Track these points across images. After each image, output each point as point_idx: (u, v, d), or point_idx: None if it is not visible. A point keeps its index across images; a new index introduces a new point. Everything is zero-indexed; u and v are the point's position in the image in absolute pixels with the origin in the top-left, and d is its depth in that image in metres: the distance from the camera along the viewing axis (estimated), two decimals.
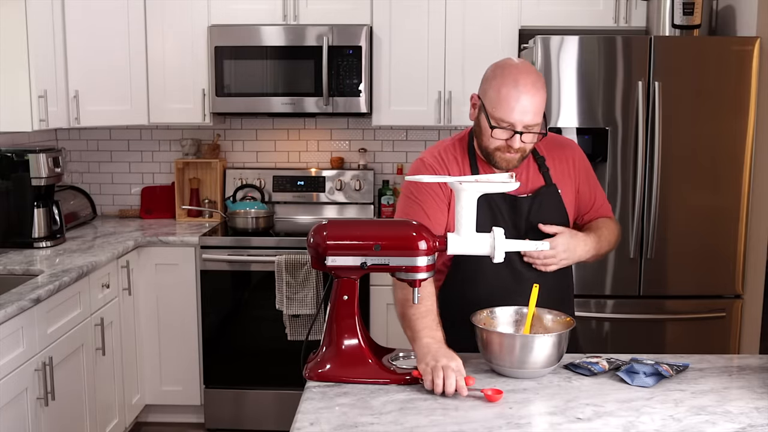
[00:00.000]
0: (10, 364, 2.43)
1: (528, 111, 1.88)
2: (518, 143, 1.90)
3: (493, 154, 1.95)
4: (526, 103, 1.87)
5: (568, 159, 2.10)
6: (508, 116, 1.88)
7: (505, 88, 1.88)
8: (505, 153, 1.93)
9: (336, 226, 1.78)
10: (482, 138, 1.96)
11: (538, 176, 2.05)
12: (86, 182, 4.33)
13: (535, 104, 1.88)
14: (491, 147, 1.94)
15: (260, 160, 4.31)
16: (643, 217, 3.34)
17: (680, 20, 3.51)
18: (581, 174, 2.12)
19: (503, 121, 1.89)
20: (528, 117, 1.88)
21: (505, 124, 1.89)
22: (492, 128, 1.90)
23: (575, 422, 1.55)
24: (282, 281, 3.52)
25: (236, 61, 3.81)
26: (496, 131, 1.90)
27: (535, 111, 1.89)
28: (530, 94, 1.88)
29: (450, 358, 1.70)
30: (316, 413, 1.59)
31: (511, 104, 1.87)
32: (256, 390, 3.72)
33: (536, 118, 1.90)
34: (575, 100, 3.32)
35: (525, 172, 2.04)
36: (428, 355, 1.73)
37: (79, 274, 2.91)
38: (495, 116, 1.90)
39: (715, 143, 3.33)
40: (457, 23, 3.80)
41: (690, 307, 3.39)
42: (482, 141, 1.96)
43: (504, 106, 1.88)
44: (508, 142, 1.91)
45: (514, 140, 1.90)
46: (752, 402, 1.65)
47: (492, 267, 1.89)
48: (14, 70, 3.19)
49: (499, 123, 1.90)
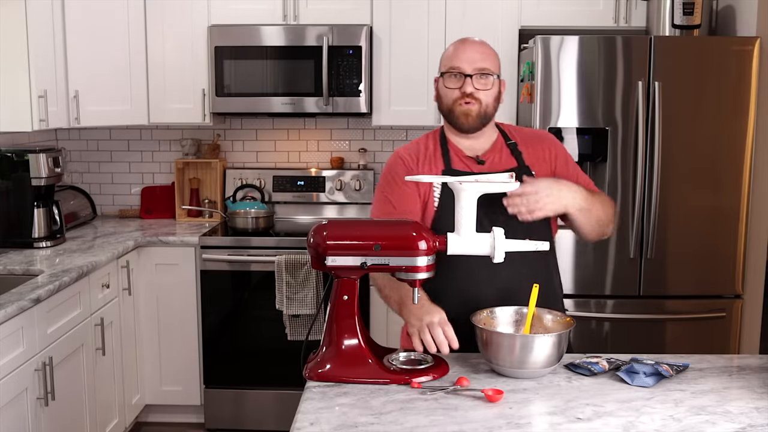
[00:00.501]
0: (10, 364, 2.43)
1: (475, 58, 1.99)
2: (470, 87, 1.98)
3: (453, 109, 2.01)
4: (472, 50, 2.00)
5: (543, 146, 2.12)
6: (455, 62, 1.99)
7: (452, 46, 2.04)
8: (462, 105, 2.00)
9: (336, 226, 1.78)
10: (442, 103, 2.05)
11: (510, 159, 2.08)
12: (86, 182, 4.33)
13: (483, 52, 2.01)
14: (450, 103, 2.02)
15: (260, 160, 4.31)
16: (643, 217, 3.34)
17: (680, 20, 3.51)
18: (559, 160, 2.12)
19: (452, 68, 2.00)
20: (477, 62, 1.98)
21: (454, 70, 1.99)
22: (442, 76, 2.01)
23: (575, 422, 1.55)
24: (282, 281, 3.52)
25: (236, 61, 3.81)
26: (447, 79, 2.00)
27: (483, 58, 2.00)
28: (477, 44, 2.02)
29: (432, 314, 1.77)
30: (316, 413, 1.59)
31: (457, 53, 2.01)
32: (256, 390, 3.72)
33: (485, 64, 1.99)
34: (575, 100, 3.32)
35: (498, 155, 2.07)
36: (412, 317, 1.81)
37: (79, 274, 2.91)
38: (445, 67, 2.02)
39: (715, 143, 3.33)
40: (457, 23, 3.80)
41: (690, 307, 3.39)
42: (443, 105, 2.05)
43: (451, 56, 2.02)
44: (461, 90, 1.98)
45: (467, 84, 1.98)
46: (752, 402, 1.65)
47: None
48: (14, 70, 3.19)
49: (449, 71, 2.00)
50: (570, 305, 3.39)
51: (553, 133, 3.33)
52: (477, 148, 2.07)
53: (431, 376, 1.76)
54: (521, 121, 3.73)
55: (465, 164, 2.04)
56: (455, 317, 1.87)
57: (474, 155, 2.06)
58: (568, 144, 3.34)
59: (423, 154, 2.08)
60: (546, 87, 3.32)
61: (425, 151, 2.09)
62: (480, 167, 2.04)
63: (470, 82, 1.98)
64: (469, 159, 2.06)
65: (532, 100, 3.38)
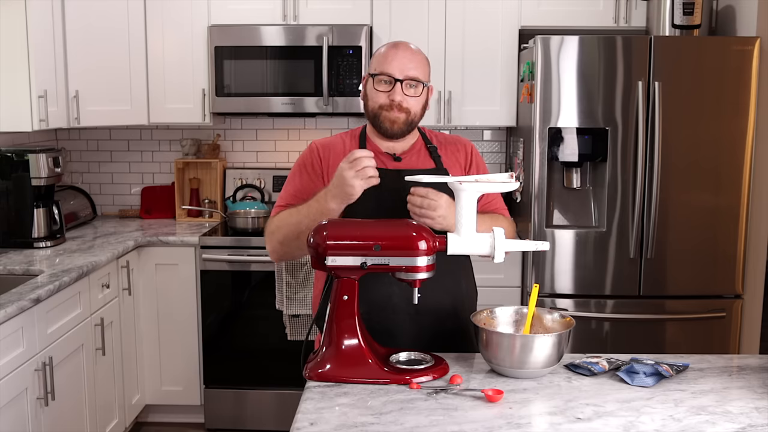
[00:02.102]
0: (10, 364, 2.43)
1: (407, 65, 1.97)
2: (399, 94, 1.97)
3: (379, 114, 2.01)
4: (404, 56, 1.98)
5: (460, 150, 2.15)
6: (387, 67, 1.97)
7: (385, 47, 2.03)
8: (389, 111, 1.99)
9: (336, 226, 1.78)
10: (369, 104, 2.03)
11: (428, 160, 2.10)
12: (86, 182, 4.33)
13: (414, 59, 1.99)
14: (376, 106, 2.00)
15: (260, 160, 4.31)
16: (643, 217, 3.34)
17: (680, 20, 3.51)
18: (473, 165, 2.15)
19: (383, 73, 1.98)
20: (408, 70, 1.97)
21: (385, 75, 1.97)
22: (372, 77, 1.99)
23: (575, 422, 1.55)
24: (282, 281, 3.52)
25: (236, 61, 3.81)
26: (377, 82, 1.98)
27: (415, 66, 1.99)
28: (409, 51, 2.00)
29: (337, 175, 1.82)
30: (316, 413, 1.59)
31: (389, 58, 1.98)
32: (256, 390, 3.72)
33: (416, 73, 1.98)
34: (575, 100, 3.32)
35: (416, 157, 2.09)
36: (330, 192, 1.85)
37: (79, 274, 2.91)
38: (376, 69, 1.99)
39: (715, 143, 3.33)
40: (457, 23, 3.80)
41: (690, 307, 3.39)
42: (369, 107, 2.03)
43: (383, 60, 1.99)
44: (390, 96, 1.97)
45: (395, 91, 1.97)
46: (752, 402, 1.65)
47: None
48: (14, 70, 3.19)
49: (380, 74, 1.98)
50: (570, 305, 3.39)
51: (553, 132, 3.34)
52: (397, 148, 2.09)
53: (431, 376, 1.76)
54: (521, 121, 3.73)
55: (380, 161, 2.03)
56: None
57: (391, 152, 2.08)
58: (568, 144, 3.35)
59: (340, 150, 2.08)
60: (546, 87, 3.32)
61: (342, 145, 2.09)
62: (396, 164, 2.05)
63: (399, 89, 1.97)
64: (385, 155, 2.07)
65: (532, 100, 3.38)
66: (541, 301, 3.34)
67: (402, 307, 1.98)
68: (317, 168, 2.08)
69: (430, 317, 2.01)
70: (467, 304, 2.11)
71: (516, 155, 3.80)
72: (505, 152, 4.25)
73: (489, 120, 3.89)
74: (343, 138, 2.14)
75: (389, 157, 2.07)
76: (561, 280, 3.40)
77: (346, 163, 1.81)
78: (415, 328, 2.00)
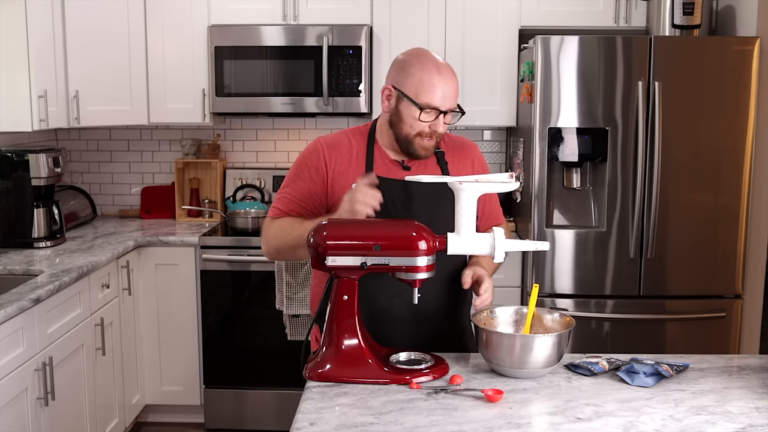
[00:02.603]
0: (10, 364, 2.43)
1: (450, 95, 1.96)
2: (442, 127, 1.98)
3: (414, 141, 1.99)
4: (449, 85, 1.97)
5: (467, 157, 2.15)
6: (433, 100, 1.95)
7: (428, 74, 1.96)
8: (425, 139, 1.99)
9: (336, 226, 1.78)
10: (402, 126, 1.99)
11: (436, 168, 2.09)
12: (86, 182, 4.33)
13: (455, 88, 1.99)
14: (413, 133, 1.98)
15: (260, 160, 4.31)
16: (643, 217, 3.34)
17: (680, 20, 3.51)
18: (477, 170, 2.15)
19: (429, 105, 1.95)
20: (450, 101, 1.97)
21: (431, 106, 1.95)
22: (421, 110, 1.95)
23: (575, 422, 1.55)
24: (282, 281, 3.52)
25: (236, 61, 3.81)
26: (423, 115, 1.96)
27: (456, 93, 1.99)
28: (451, 78, 1.98)
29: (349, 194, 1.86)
30: (316, 413, 1.59)
31: (435, 89, 1.95)
32: (256, 390, 3.72)
33: (457, 100, 2.00)
34: (575, 100, 3.32)
35: (424, 165, 2.07)
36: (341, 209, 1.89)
37: (79, 274, 2.91)
38: (421, 101, 1.95)
39: (715, 143, 3.33)
40: (457, 23, 3.80)
41: (690, 307, 3.39)
42: (402, 129, 2.00)
43: (429, 91, 1.95)
44: (431, 127, 1.97)
45: (439, 123, 1.97)
46: (752, 402, 1.65)
47: None
48: (14, 70, 3.19)
49: (426, 106, 1.95)
50: (570, 305, 3.39)
51: (553, 133, 3.34)
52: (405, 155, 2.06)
53: (431, 376, 1.76)
54: (521, 121, 3.73)
55: (388, 169, 2.03)
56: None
57: (400, 160, 2.06)
58: (568, 144, 3.34)
59: (347, 152, 2.06)
60: (546, 87, 3.32)
61: (348, 149, 2.07)
62: (405, 172, 2.03)
63: (442, 121, 1.97)
64: (394, 163, 2.05)
65: (532, 100, 3.38)
66: (541, 301, 3.34)
67: (403, 317, 1.97)
68: (321, 172, 2.05)
69: (430, 328, 2.01)
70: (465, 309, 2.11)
71: (516, 155, 3.80)
72: (505, 152, 4.25)
73: (489, 120, 3.89)
74: (349, 136, 2.10)
75: (398, 165, 2.05)
76: (561, 280, 3.40)
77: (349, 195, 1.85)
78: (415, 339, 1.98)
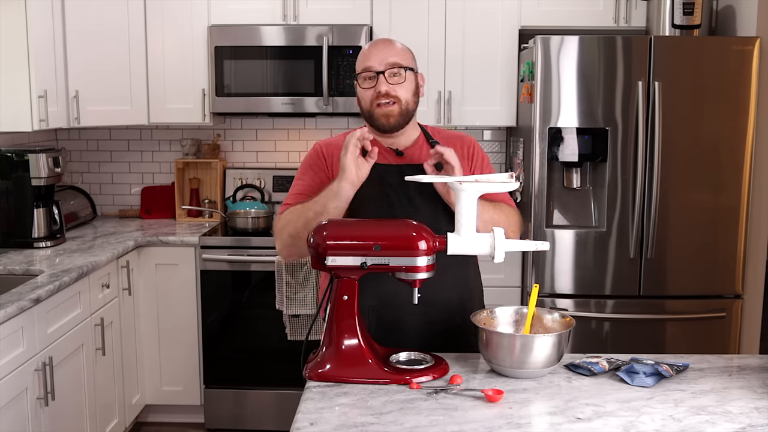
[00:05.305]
0: (10, 364, 2.43)
1: (386, 55, 2.00)
2: (384, 84, 1.99)
3: (372, 112, 2.03)
4: (381, 49, 2.02)
5: (463, 146, 2.16)
6: (366, 62, 2.01)
7: (365, 46, 2.08)
8: (381, 107, 2.01)
9: (336, 226, 1.78)
10: (362, 105, 2.06)
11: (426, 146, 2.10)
12: (86, 182, 4.33)
13: (393, 49, 2.03)
14: (367, 106, 2.03)
15: (260, 160, 4.31)
16: (643, 217, 3.34)
17: (680, 20, 3.51)
18: (476, 160, 2.15)
19: (365, 68, 2.01)
20: (387, 58, 2.00)
21: (367, 70, 2.01)
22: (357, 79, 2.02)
23: (575, 422, 1.55)
24: (282, 281, 3.52)
25: (236, 61, 3.81)
26: (362, 81, 2.01)
27: (394, 54, 2.01)
28: (386, 42, 2.04)
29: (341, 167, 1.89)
30: (316, 413, 1.59)
31: (367, 54, 2.03)
32: (256, 390, 3.72)
33: (396, 59, 2.01)
34: (575, 100, 3.32)
35: (418, 151, 2.09)
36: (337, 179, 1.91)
37: (79, 274, 2.91)
38: (359, 70, 2.03)
39: (715, 143, 3.33)
40: (457, 23, 3.80)
41: (690, 307, 3.39)
42: (362, 108, 2.06)
43: (363, 58, 2.04)
44: (375, 89, 2.00)
45: (380, 82, 2.00)
46: (752, 402, 1.65)
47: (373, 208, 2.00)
48: (14, 70, 3.19)
49: (363, 72, 2.01)
50: (570, 305, 3.39)
51: (553, 133, 3.34)
52: (399, 143, 2.10)
53: (431, 376, 1.76)
54: (521, 121, 3.73)
55: (383, 157, 2.05)
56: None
57: (393, 147, 2.09)
58: (568, 144, 3.34)
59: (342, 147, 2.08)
60: (546, 87, 3.32)
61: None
62: (398, 159, 2.07)
63: (383, 80, 1.99)
64: (387, 151, 2.08)
65: (532, 100, 3.38)
66: (541, 301, 3.34)
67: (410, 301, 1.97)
68: (322, 165, 2.10)
69: (438, 312, 2.02)
70: (476, 296, 2.12)
71: (516, 155, 3.80)
72: (505, 152, 4.25)
73: (489, 120, 3.89)
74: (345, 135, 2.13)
75: (392, 152, 2.08)
76: (561, 280, 3.40)
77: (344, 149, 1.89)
78: (423, 323, 2.02)
